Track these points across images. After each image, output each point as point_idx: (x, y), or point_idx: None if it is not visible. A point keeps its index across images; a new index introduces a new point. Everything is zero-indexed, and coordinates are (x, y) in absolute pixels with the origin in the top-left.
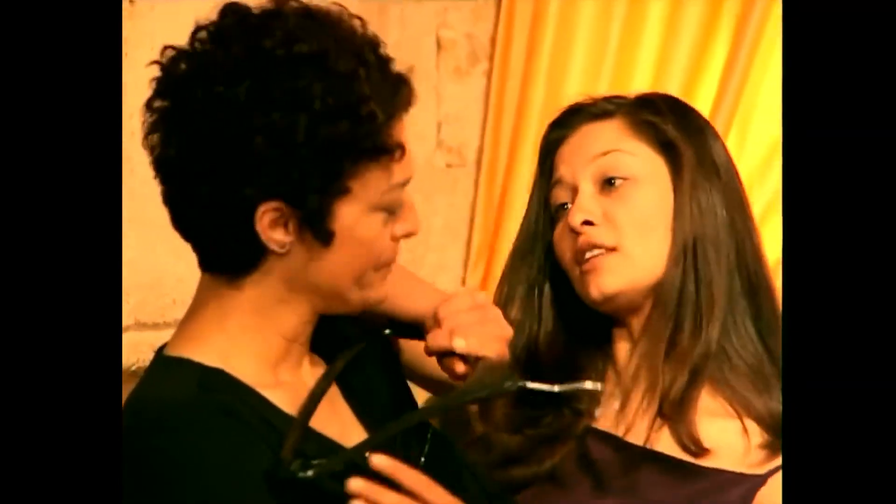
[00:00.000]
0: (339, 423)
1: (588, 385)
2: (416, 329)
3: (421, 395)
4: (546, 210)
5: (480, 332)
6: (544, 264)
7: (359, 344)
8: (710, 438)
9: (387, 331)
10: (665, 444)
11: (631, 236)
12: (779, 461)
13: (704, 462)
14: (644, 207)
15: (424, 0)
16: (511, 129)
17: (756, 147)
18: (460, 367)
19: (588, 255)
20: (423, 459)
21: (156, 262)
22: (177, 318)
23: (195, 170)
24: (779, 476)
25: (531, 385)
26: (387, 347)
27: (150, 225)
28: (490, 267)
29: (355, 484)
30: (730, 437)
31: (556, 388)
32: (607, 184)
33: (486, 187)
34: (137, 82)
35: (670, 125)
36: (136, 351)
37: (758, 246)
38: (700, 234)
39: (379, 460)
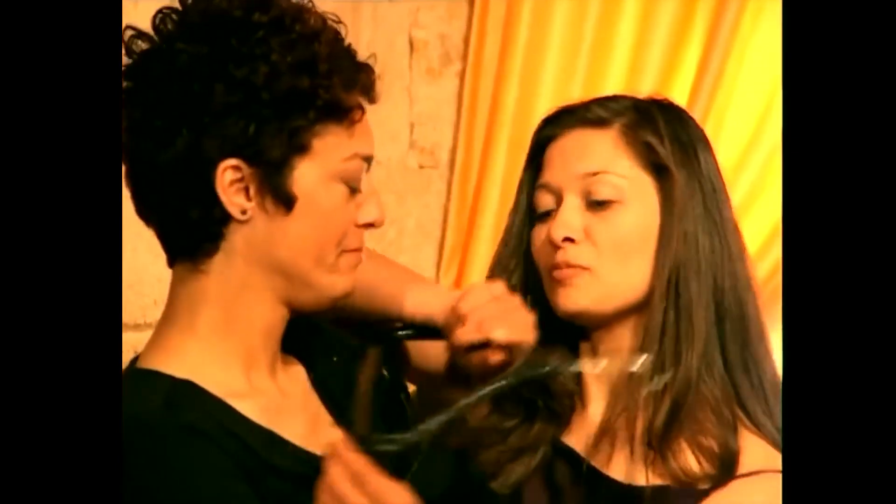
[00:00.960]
0: (316, 430)
1: (635, 365)
2: (431, 329)
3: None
4: (529, 210)
5: (509, 320)
6: (524, 265)
7: (375, 346)
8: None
9: (401, 332)
10: (643, 475)
11: (609, 259)
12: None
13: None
14: (627, 232)
15: (397, 0)
16: (484, 129)
17: (729, 147)
18: (497, 357)
19: (561, 268)
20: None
21: (136, 262)
22: (157, 318)
23: (156, 132)
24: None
25: (578, 364)
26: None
27: (128, 224)
28: (463, 268)
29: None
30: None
31: (598, 368)
32: (594, 204)
33: (459, 188)
34: None
35: (666, 144)
36: None
37: (735, 271)
38: (684, 261)
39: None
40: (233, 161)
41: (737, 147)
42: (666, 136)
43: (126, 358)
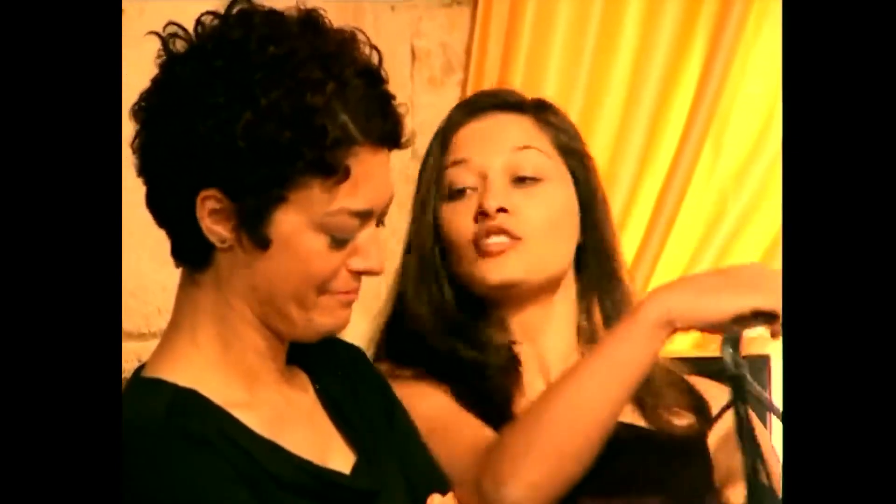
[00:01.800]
0: (320, 441)
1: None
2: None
3: None
4: (437, 190)
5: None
6: (434, 247)
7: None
8: None
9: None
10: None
11: (538, 232)
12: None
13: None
14: (552, 207)
15: (399, 9)
16: None
17: (732, 154)
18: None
19: (492, 240)
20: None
21: (139, 271)
22: (161, 327)
23: (157, 146)
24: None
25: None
26: (368, 364)
27: (132, 232)
28: None
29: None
30: None
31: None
32: (519, 180)
33: None
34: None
35: (569, 132)
36: None
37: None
38: (605, 238)
39: None
40: (213, 191)
41: (740, 154)
42: (567, 124)
43: (129, 367)
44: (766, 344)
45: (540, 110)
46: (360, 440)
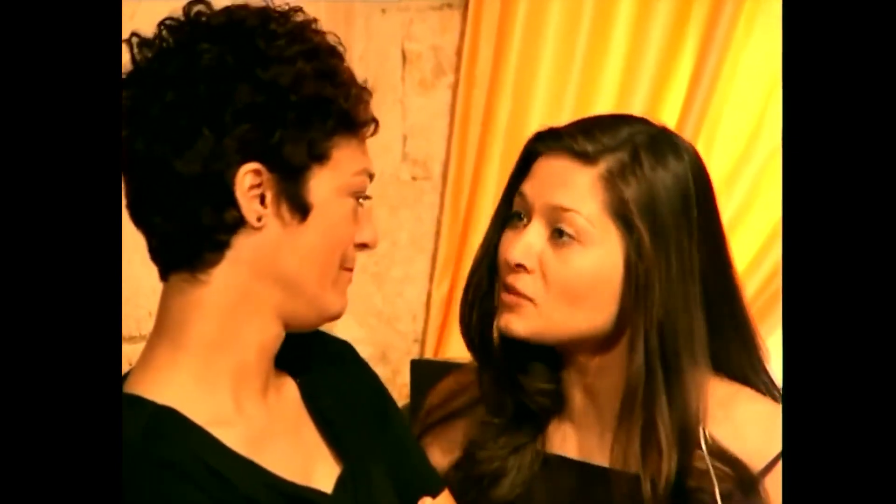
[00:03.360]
0: (304, 453)
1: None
2: None
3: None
4: (507, 210)
5: None
6: (487, 268)
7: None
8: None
9: None
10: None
11: (554, 297)
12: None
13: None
14: (580, 274)
15: (390, 12)
16: (477, 141)
17: (724, 157)
18: None
19: (509, 291)
20: None
21: (130, 274)
22: (138, 333)
23: (176, 133)
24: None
25: None
26: (358, 360)
27: (124, 236)
28: (456, 280)
29: None
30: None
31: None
32: (557, 233)
33: (451, 200)
34: None
35: (641, 202)
36: None
37: (735, 289)
38: (663, 320)
39: None
40: (254, 165)
41: (731, 156)
42: (648, 191)
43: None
44: None
45: (615, 170)
46: (347, 447)
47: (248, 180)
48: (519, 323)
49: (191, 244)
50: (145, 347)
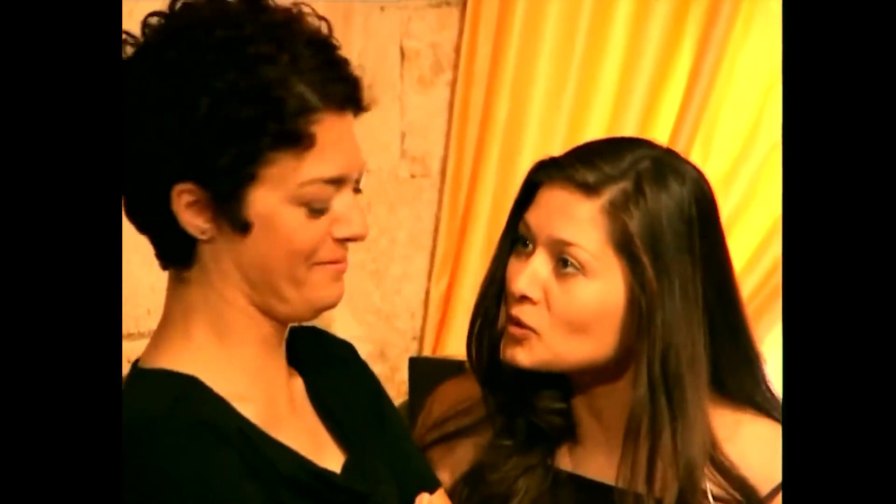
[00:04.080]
0: (312, 439)
1: None
2: None
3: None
4: (513, 239)
5: None
6: (495, 294)
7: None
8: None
9: None
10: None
11: (558, 328)
12: None
13: None
14: (583, 305)
15: (388, 9)
16: (475, 139)
17: (721, 155)
18: None
19: (512, 322)
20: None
21: (129, 272)
22: (151, 328)
23: (129, 146)
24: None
25: None
26: (359, 361)
27: (123, 234)
28: (454, 278)
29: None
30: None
31: None
32: (562, 263)
33: (450, 197)
34: None
35: (643, 234)
36: None
37: (739, 308)
38: (666, 348)
39: None
40: (187, 185)
41: (729, 155)
42: (650, 221)
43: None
44: None
45: (617, 201)
46: (350, 440)
47: (183, 199)
48: (523, 355)
49: (164, 249)
50: (155, 334)
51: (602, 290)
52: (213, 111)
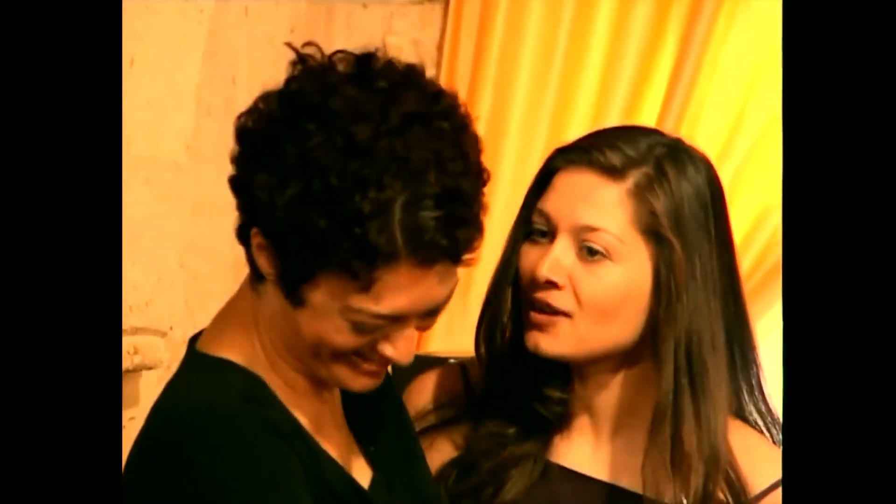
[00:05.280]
0: (343, 447)
1: None
2: None
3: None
4: (527, 229)
5: None
6: (513, 286)
7: None
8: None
9: None
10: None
11: (588, 311)
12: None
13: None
14: (612, 290)
15: (371, 7)
16: None
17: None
18: None
19: (536, 313)
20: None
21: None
22: (133, 324)
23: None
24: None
25: None
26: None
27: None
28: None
29: None
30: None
31: None
32: (587, 250)
33: None
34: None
35: (670, 215)
36: None
37: (744, 311)
38: (695, 333)
39: None
40: (259, 231)
41: (711, 153)
42: (675, 203)
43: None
44: None
45: (644, 183)
46: (377, 456)
47: (255, 239)
48: (551, 343)
49: (250, 265)
50: (219, 319)
51: (629, 273)
52: (293, 205)
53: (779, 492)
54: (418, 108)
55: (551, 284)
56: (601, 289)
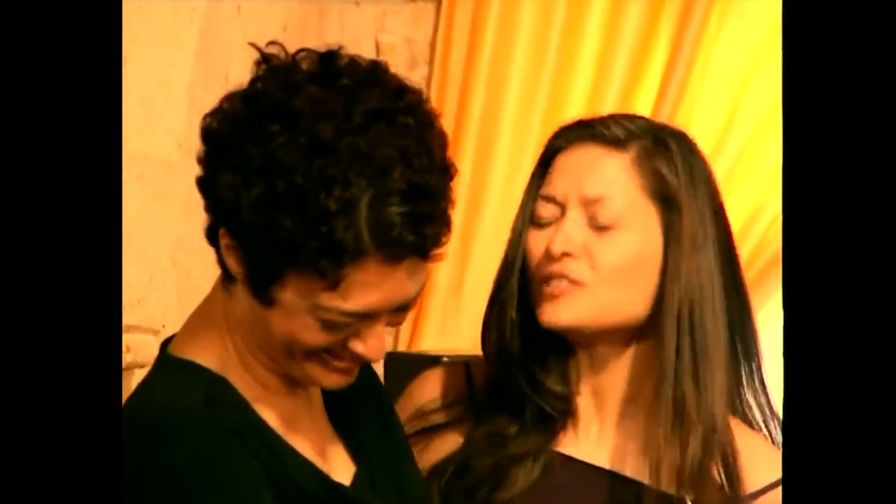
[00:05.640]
0: (322, 443)
1: None
2: None
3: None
4: (531, 218)
5: None
6: (519, 273)
7: None
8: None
9: None
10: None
11: (605, 279)
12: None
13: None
14: (627, 256)
15: (363, 4)
16: (451, 134)
17: None
18: None
19: (552, 284)
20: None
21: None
22: (125, 322)
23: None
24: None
25: None
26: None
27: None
28: (429, 273)
29: None
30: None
31: None
32: (596, 221)
33: None
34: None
35: (679, 176)
36: None
37: (746, 301)
38: (697, 297)
39: None
40: (227, 233)
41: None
42: (679, 168)
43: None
44: None
45: (648, 150)
46: (361, 452)
47: (223, 240)
48: (566, 311)
49: (220, 265)
50: (192, 322)
51: (641, 239)
52: (258, 205)
53: (775, 492)
54: (382, 104)
55: (566, 255)
56: (616, 256)
